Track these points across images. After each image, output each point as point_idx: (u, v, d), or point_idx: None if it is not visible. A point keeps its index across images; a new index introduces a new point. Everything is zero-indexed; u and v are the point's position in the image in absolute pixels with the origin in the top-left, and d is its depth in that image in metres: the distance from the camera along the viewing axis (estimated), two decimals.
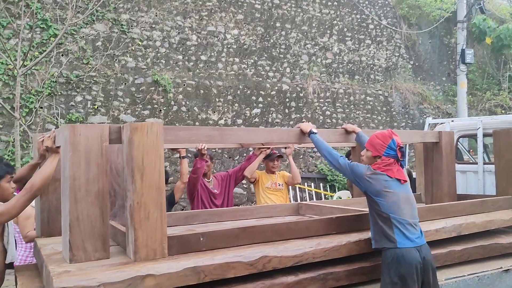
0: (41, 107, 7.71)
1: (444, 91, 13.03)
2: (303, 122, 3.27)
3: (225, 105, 9.36)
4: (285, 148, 5.42)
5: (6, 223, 2.88)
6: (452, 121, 5.91)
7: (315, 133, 3.24)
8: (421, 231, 2.94)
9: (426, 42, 13.01)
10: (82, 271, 2.24)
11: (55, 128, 3.14)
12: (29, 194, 2.70)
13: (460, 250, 3.46)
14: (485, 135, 5.82)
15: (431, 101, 12.36)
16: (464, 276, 3.26)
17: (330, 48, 11.16)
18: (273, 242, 2.82)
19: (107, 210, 2.49)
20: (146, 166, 2.45)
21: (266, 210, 4.13)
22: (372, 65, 11.79)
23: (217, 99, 9.29)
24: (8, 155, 7.21)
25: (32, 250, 4.08)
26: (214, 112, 9.18)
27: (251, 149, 6.79)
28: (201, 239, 2.64)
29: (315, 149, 10.29)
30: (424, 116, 11.77)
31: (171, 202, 4.82)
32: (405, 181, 2.94)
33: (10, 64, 7.04)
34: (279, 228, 2.90)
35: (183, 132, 2.80)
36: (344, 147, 9.09)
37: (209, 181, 4.96)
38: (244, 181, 9.21)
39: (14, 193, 3.99)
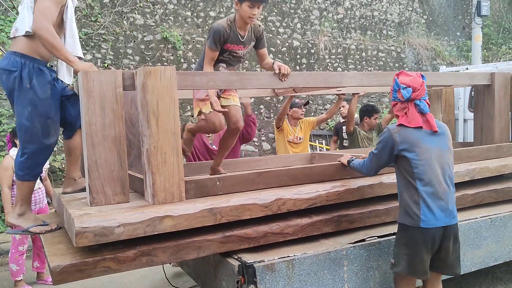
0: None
1: (458, 47, 12.73)
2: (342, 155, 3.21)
3: None
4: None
5: None
6: (467, 68, 5.78)
7: (351, 160, 3.02)
8: (453, 203, 2.63)
9: None
10: (102, 213, 2.31)
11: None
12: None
13: (473, 194, 3.47)
14: None
15: (445, 57, 12.11)
16: (477, 218, 3.29)
17: (342, 3, 10.89)
18: (288, 186, 2.86)
19: (124, 155, 2.52)
20: (161, 111, 2.46)
21: (280, 160, 4.16)
22: (384, 20, 11.51)
23: None
24: None
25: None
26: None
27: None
28: (218, 183, 2.68)
29: (326, 107, 10.25)
30: (437, 71, 11.57)
31: None
32: (437, 131, 2.62)
33: None
34: (294, 172, 2.93)
35: (200, 77, 2.76)
36: None
37: (208, 136, 4.61)
38: (255, 139, 9.25)
39: None
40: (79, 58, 2.86)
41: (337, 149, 6.30)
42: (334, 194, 2.87)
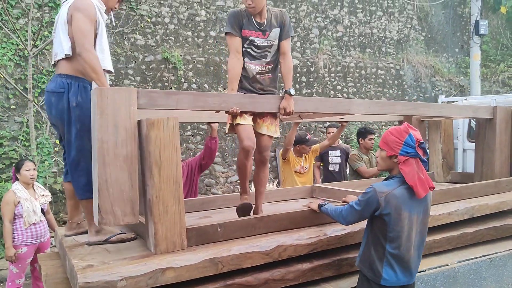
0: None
1: (456, 63, 12.80)
2: (310, 202, 3.09)
3: None
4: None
5: None
6: (465, 99, 5.84)
7: (323, 205, 2.94)
8: (417, 266, 2.64)
9: (439, 13, 12.71)
10: (105, 265, 2.32)
11: None
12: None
13: (473, 232, 3.49)
14: None
15: (444, 74, 12.18)
16: (476, 258, 3.31)
17: (341, 21, 10.97)
18: (289, 231, 2.88)
19: (135, 174, 2.48)
20: (164, 161, 2.48)
21: (281, 194, 4.18)
22: (383, 38, 11.59)
23: (227, 76, 9.22)
24: (23, 136, 7.31)
25: (24, 234, 4.24)
26: (225, 89, 9.15)
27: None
28: (219, 229, 2.70)
29: (325, 125, 10.28)
30: (436, 89, 11.65)
31: None
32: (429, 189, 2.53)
33: (20, 44, 7.05)
34: (294, 216, 2.95)
35: (212, 99, 2.78)
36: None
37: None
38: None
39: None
40: (109, 71, 2.91)
41: (321, 175, 6.42)
42: (335, 239, 2.88)
